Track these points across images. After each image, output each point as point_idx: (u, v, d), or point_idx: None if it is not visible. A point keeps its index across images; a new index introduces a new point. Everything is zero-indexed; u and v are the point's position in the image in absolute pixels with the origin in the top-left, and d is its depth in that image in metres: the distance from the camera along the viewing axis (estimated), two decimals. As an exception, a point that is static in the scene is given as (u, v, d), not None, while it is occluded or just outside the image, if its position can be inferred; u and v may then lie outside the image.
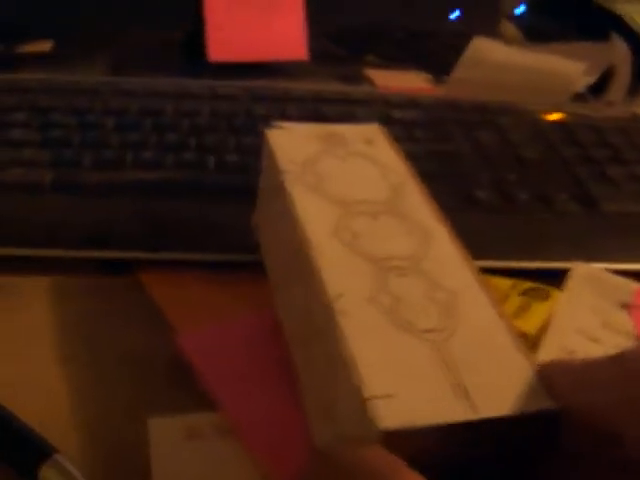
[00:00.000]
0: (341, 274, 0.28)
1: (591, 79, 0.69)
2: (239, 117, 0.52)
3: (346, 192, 0.32)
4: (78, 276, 0.41)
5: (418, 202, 0.33)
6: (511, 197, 0.47)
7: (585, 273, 0.43)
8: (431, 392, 0.23)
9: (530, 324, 0.38)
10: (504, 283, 0.41)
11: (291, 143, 0.35)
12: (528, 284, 0.41)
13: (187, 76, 0.60)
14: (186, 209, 0.43)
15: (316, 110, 0.54)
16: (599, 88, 0.71)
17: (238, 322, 0.35)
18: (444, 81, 0.69)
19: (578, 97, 0.68)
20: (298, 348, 0.31)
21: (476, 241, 0.44)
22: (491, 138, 0.53)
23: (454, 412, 0.23)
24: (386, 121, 0.53)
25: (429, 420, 0.22)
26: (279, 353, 0.32)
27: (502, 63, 0.67)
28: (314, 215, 0.31)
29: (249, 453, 0.29)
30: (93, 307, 0.39)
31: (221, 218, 0.43)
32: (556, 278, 0.42)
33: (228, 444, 0.30)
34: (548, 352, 0.37)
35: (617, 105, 0.68)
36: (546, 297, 0.40)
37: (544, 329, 0.38)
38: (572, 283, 0.42)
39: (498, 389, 0.24)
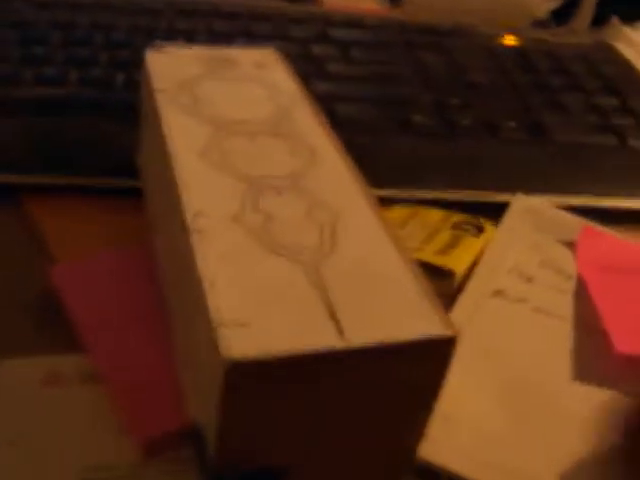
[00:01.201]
0: (203, 193, 0.24)
1: (553, 4, 0.64)
2: (159, 33, 0.47)
3: (223, 113, 0.29)
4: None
5: (307, 123, 0.30)
6: (451, 122, 0.43)
7: (526, 206, 0.39)
8: (294, 319, 0.20)
9: (459, 261, 0.34)
10: (434, 214, 0.37)
11: (171, 65, 0.33)
12: (460, 216, 0.37)
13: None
14: (81, 129, 0.38)
15: (246, 27, 0.49)
16: (563, 16, 0.66)
17: (115, 253, 0.31)
18: (399, 4, 0.65)
19: (540, 24, 0.63)
20: (170, 292, 0.28)
21: (408, 168, 0.40)
22: (437, 60, 0.49)
23: (318, 340, 0.19)
24: (322, 40, 0.49)
25: (286, 349, 0.19)
26: (155, 290, 0.28)
27: (460, -15, 0.63)
28: (183, 135, 0.27)
29: (111, 401, 0.25)
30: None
31: (122, 140, 0.38)
32: (497, 213, 0.38)
33: (89, 391, 0.26)
34: (473, 293, 0.33)
35: (580, 34, 0.63)
36: (479, 231, 0.36)
37: (474, 267, 0.34)
38: (510, 217, 0.38)
39: (379, 315, 0.20)
